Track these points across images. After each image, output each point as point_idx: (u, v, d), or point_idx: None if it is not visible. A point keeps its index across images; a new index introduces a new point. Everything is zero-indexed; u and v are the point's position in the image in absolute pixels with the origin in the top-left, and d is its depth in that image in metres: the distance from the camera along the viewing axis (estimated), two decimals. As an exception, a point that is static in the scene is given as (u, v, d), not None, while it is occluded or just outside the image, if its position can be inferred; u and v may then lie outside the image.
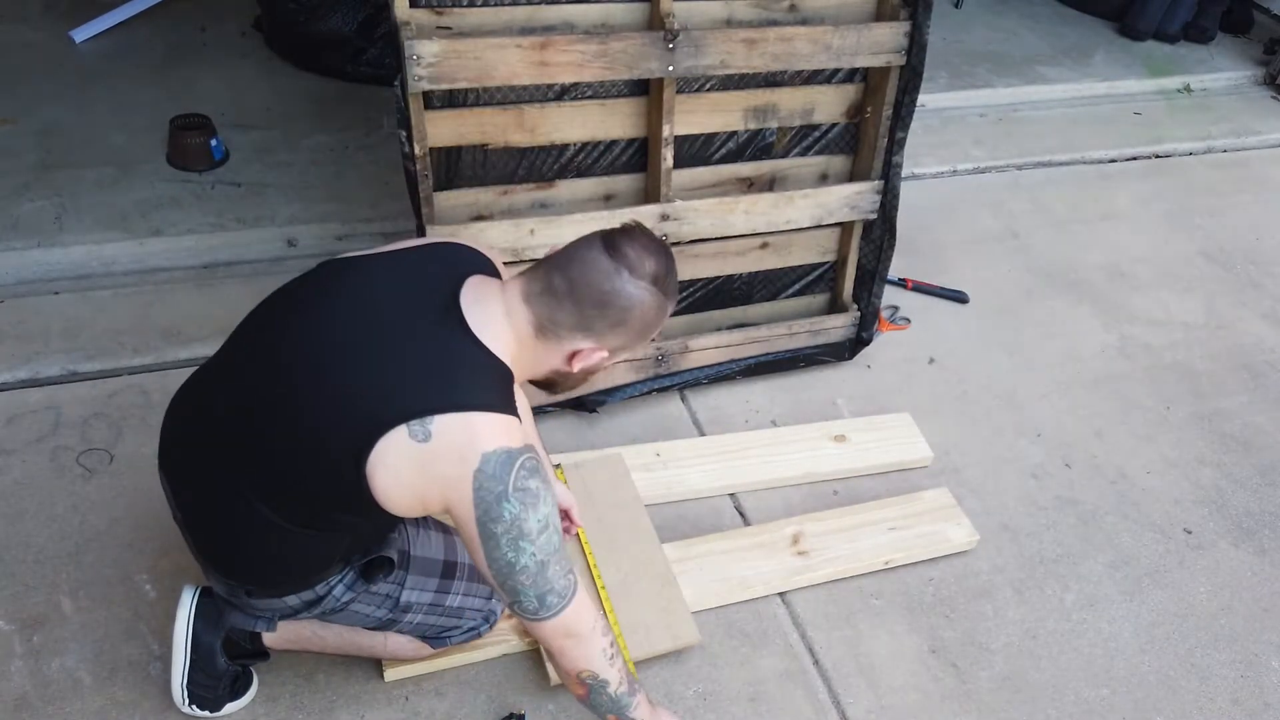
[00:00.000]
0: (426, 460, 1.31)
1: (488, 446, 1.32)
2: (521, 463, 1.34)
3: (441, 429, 1.31)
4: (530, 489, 1.34)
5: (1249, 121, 4.21)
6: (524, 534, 1.35)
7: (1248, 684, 1.99)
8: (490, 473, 1.32)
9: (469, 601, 1.72)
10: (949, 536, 2.17)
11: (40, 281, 2.66)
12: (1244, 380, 2.80)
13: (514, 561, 1.36)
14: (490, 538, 1.34)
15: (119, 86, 3.43)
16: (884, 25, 2.21)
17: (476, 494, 1.32)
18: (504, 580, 1.38)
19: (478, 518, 1.33)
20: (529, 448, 1.37)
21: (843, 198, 2.42)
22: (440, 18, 1.93)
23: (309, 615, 1.59)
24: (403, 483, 1.33)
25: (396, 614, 1.64)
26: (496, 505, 1.32)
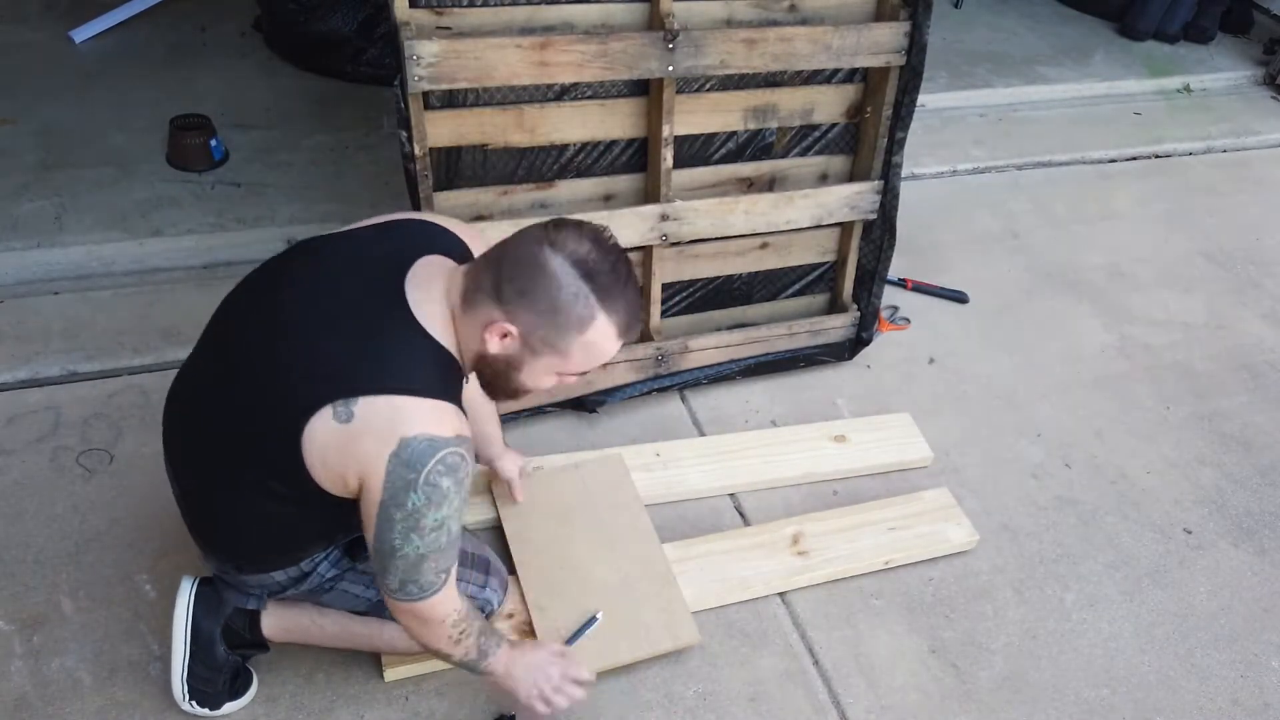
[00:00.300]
0: (347, 441, 1.32)
1: (409, 431, 1.31)
2: (442, 456, 1.32)
3: (364, 411, 1.31)
4: (440, 487, 1.33)
5: (1249, 121, 4.21)
6: (417, 528, 1.35)
7: (1248, 684, 1.99)
8: (406, 459, 1.31)
9: (462, 588, 1.70)
10: (949, 536, 2.17)
11: (40, 281, 2.66)
12: (1244, 380, 2.80)
13: (397, 548, 1.37)
14: (386, 520, 1.35)
15: (119, 86, 3.43)
16: (884, 25, 2.21)
17: (388, 477, 1.32)
18: (379, 556, 1.39)
19: (382, 500, 1.33)
20: (459, 439, 1.35)
21: (843, 198, 2.42)
22: (440, 18, 1.93)
23: (297, 591, 1.59)
24: (328, 463, 1.35)
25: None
26: (404, 493, 1.32)
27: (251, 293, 1.50)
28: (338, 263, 1.46)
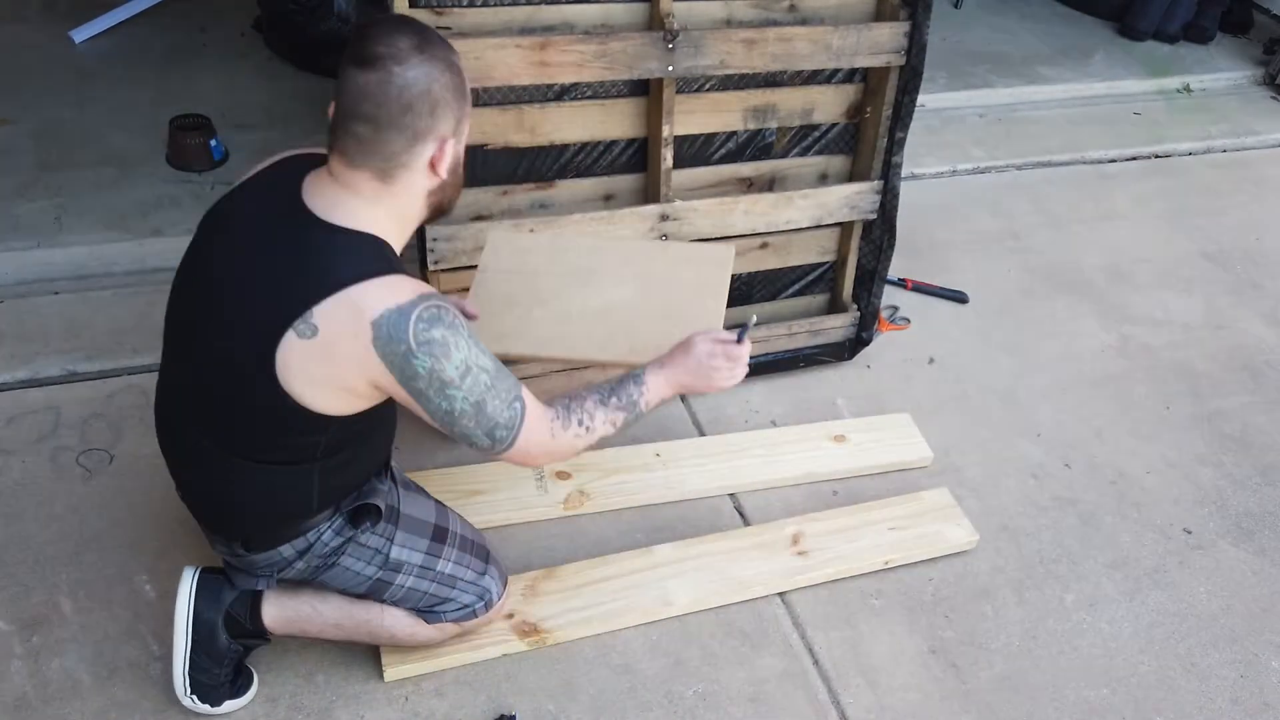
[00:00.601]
0: (325, 352, 1.35)
1: (375, 313, 1.34)
2: (417, 315, 1.35)
3: (323, 317, 1.34)
4: (434, 340, 1.36)
5: (1249, 121, 4.21)
6: (446, 384, 1.38)
7: (1248, 684, 1.99)
8: (386, 336, 1.34)
9: (461, 571, 1.73)
10: (949, 536, 2.16)
11: (40, 281, 2.66)
12: (1244, 380, 2.80)
13: (450, 410, 1.41)
14: (419, 395, 1.39)
15: (119, 86, 3.43)
16: (884, 25, 2.21)
17: (386, 361, 1.35)
18: (451, 427, 1.44)
19: (399, 380, 1.37)
20: (423, 296, 1.37)
21: (842, 198, 2.42)
22: (440, 18, 1.93)
23: (304, 566, 1.60)
24: (317, 381, 1.37)
25: (387, 573, 1.65)
26: (408, 364, 1.36)
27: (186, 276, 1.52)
28: (239, 216, 1.49)
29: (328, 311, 1.34)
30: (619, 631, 1.93)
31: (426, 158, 1.41)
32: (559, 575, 1.99)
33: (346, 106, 1.38)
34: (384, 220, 1.43)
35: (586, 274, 1.93)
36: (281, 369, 1.35)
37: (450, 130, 1.42)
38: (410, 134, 1.38)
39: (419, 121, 1.38)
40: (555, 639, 1.89)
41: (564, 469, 2.22)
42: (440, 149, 1.42)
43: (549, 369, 2.31)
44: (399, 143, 1.38)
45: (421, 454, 2.24)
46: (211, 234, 1.50)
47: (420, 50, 1.36)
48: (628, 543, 2.10)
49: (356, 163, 1.40)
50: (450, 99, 1.40)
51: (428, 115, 1.38)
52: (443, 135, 1.41)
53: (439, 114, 1.39)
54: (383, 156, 1.39)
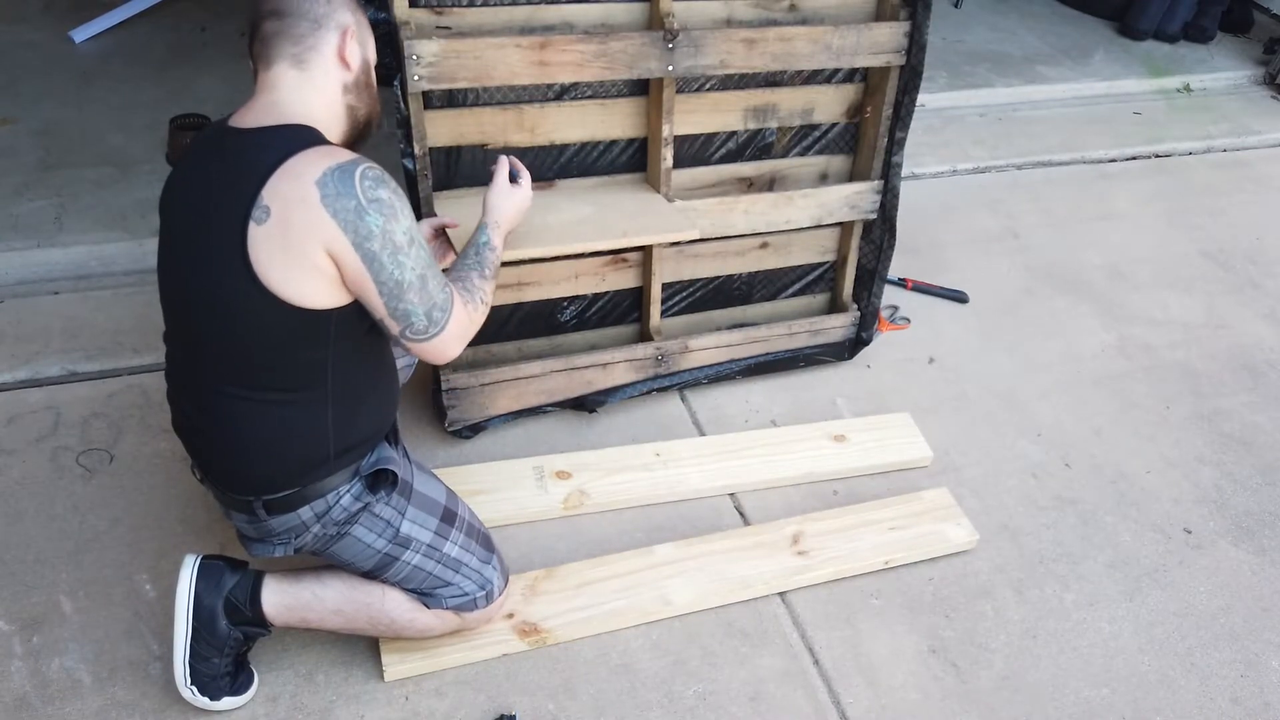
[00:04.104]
0: (282, 230, 1.36)
1: (315, 173, 1.36)
2: (362, 172, 1.38)
3: (271, 196, 1.36)
4: (383, 199, 1.39)
5: (1249, 121, 4.21)
6: (396, 247, 1.41)
7: (1248, 684, 1.99)
8: (334, 192, 1.36)
9: (466, 557, 1.74)
10: (949, 536, 2.17)
11: (40, 281, 2.66)
12: (1244, 380, 2.80)
13: (400, 279, 1.43)
14: (372, 259, 1.39)
15: (119, 86, 3.43)
16: (884, 25, 2.21)
17: (337, 219, 1.36)
18: (396, 303, 1.44)
19: (353, 242, 1.38)
20: (361, 158, 1.41)
21: (842, 198, 2.42)
22: (440, 18, 1.93)
23: (319, 532, 1.60)
24: (288, 266, 1.38)
25: (395, 548, 1.66)
26: (360, 220, 1.37)
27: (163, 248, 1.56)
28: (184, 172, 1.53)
29: (273, 188, 1.36)
30: (619, 631, 1.93)
31: (334, 45, 1.49)
32: (559, 575, 1.99)
33: (255, 11, 1.49)
34: (313, 109, 1.49)
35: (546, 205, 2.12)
36: (256, 265, 1.37)
37: (351, 21, 1.51)
38: (312, 19, 1.47)
39: (317, 8, 1.48)
40: (555, 639, 1.89)
41: (564, 469, 2.22)
42: (343, 39, 1.49)
43: (549, 369, 2.31)
44: (304, 25, 1.47)
45: (422, 454, 2.24)
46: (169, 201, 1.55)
47: None
48: (628, 543, 2.10)
49: (272, 59, 1.48)
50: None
51: (325, 3, 1.48)
52: (344, 25, 1.50)
53: (335, 4, 1.50)
54: (292, 40, 1.47)
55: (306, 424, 1.53)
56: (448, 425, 2.26)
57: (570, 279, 2.33)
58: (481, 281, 1.67)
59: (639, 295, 2.43)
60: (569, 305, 2.38)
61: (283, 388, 1.49)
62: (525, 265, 2.23)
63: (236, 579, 1.68)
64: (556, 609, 1.92)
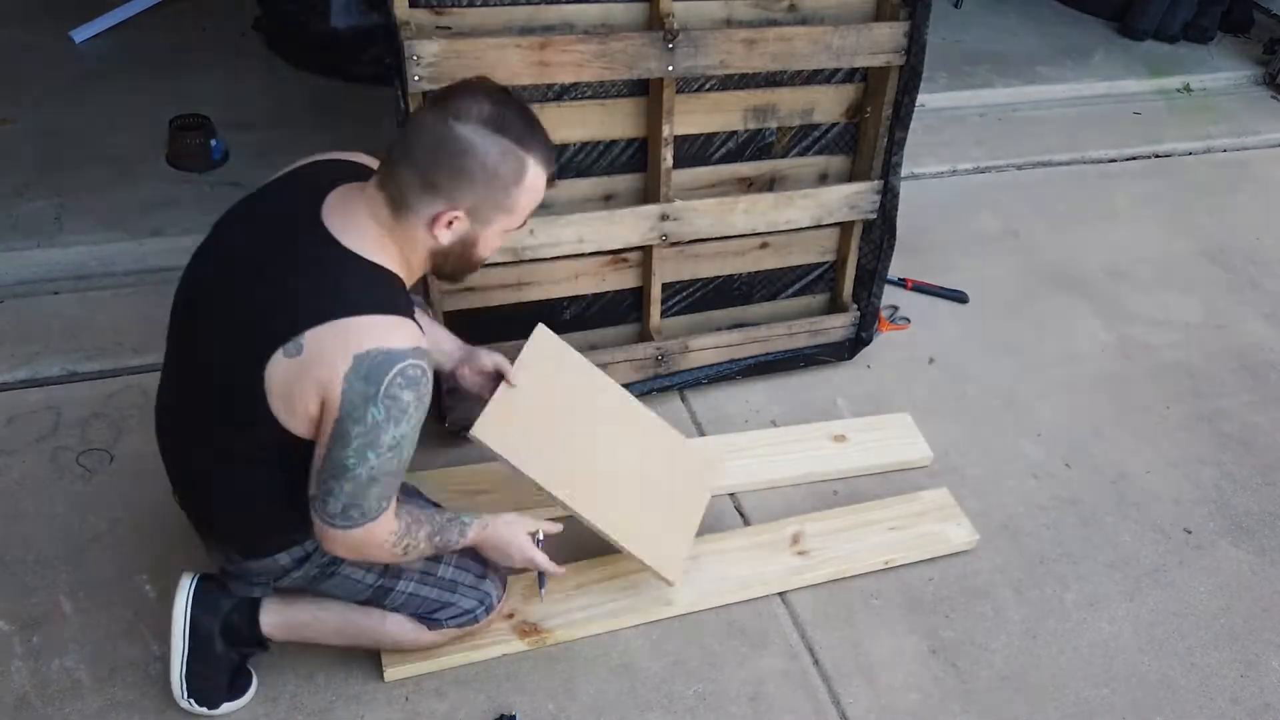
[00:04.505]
0: (302, 372, 1.33)
1: (362, 347, 1.32)
2: (402, 369, 1.33)
3: (312, 340, 1.33)
4: (401, 401, 1.34)
5: (1249, 121, 4.21)
6: (375, 444, 1.35)
7: (1248, 684, 1.99)
8: (364, 373, 1.32)
9: (461, 576, 1.73)
10: (949, 536, 2.16)
11: (40, 281, 2.66)
12: (1244, 380, 2.80)
13: (350, 468, 1.37)
14: (341, 437, 1.35)
15: (119, 86, 3.43)
16: (884, 25, 2.21)
17: (345, 394, 1.32)
18: (325, 478, 1.39)
19: (339, 417, 1.34)
20: (416, 351, 1.36)
21: (842, 198, 2.42)
22: (440, 18, 1.93)
23: (302, 576, 1.60)
24: (291, 401, 1.35)
25: (388, 579, 1.65)
26: (362, 407, 1.33)
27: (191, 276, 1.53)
28: (253, 221, 1.48)
29: (317, 335, 1.33)
30: (619, 631, 1.93)
31: (432, 213, 1.39)
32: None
33: (403, 133, 1.42)
34: (392, 250, 1.43)
35: (606, 415, 1.99)
36: (268, 388, 1.35)
37: (468, 207, 1.40)
38: (426, 181, 1.37)
39: (439, 175, 1.37)
40: (555, 639, 1.89)
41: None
42: (448, 215, 1.39)
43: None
44: (414, 182, 1.38)
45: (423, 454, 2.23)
46: (225, 232, 1.50)
47: (490, 125, 1.36)
48: (628, 543, 2.10)
49: (382, 180, 1.41)
50: (482, 181, 1.38)
51: (449, 176, 1.37)
52: (457, 204, 1.39)
53: (461, 183, 1.38)
54: (398, 186, 1.39)
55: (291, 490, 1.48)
56: (448, 425, 2.26)
57: (570, 279, 2.33)
58: (423, 541, 1.57)
59: (639, 295, 2.43)
60: (569, 305, 2.38)
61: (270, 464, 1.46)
62: (525, 265, 2.23)
63: (234, 602, 1.67)
64: (556, 609, 1.92)
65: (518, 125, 1.39)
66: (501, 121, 1.37)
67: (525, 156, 1.40)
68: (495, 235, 1.47)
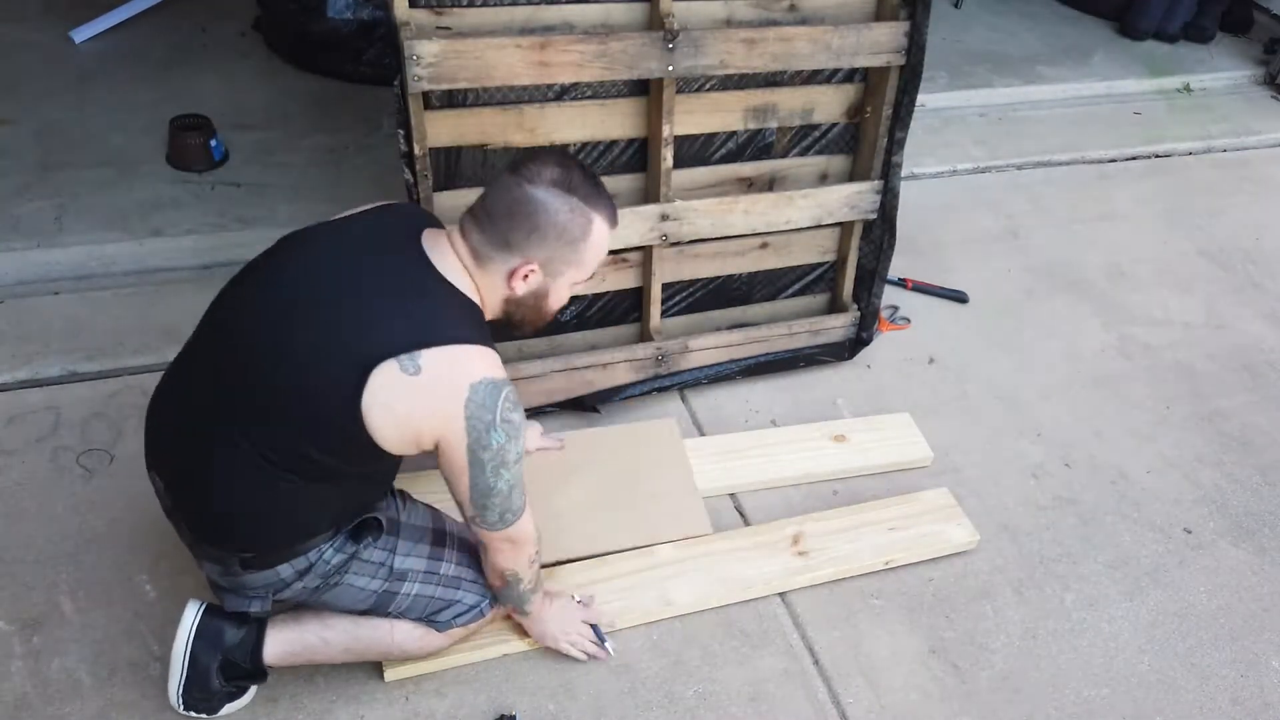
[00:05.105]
0: (418, 393, 1.41)
1: (475, 377, 1.44)
2: (506, 394, 1.47)
3: (430, 362, 1.41)
4: (514, 421, 1.48)
5: (1249, 121, 4.21)
6: (505, 463, 1.50)
7: (1248, 684, 1.99)
8: (480, 402, 1.44)
9: (464, 571, 1.74)
10: (949, 537, 2.16)
11: (40, 281, 2.66)
12: (1244, 380, 2.80)
13: (493, 487, 1.51)
14: (477, 464, 1.48)
15: (119, 86, 3.43)
16: (884, 25, 2.21)
17: (469, 423, 1.44)
18: (478, 500, 1.53)
19: (469, 445, 1.46)
20: (509, 380, 1.50)
21: (843, 198, 2.42)
22: (440, 18, 1.93)
23: (303, 588, 1.59)
24: (397, 415, 1.42)
25: (393, 583, 1.66)
26: (486, 434, 1.45)
27: (249, 283, 1.55)
28: (354, 237, 1.56)
29: (436, 358, 1.42)
30: (619, 631, 1.93)
31: (509, 268, 1.53)
32: (559, 575, 1.99)
33: (486, 188, 1.55)
34: (480, 293, 1.56)
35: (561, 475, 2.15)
36: (369, 394, 1.39)
37: (541, 262, 1.54)
38: (502, 239, 1.51)
39: (515, 234, 1.51)
40: (555, 639, 1.89)
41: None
42: (523, 269, 1.53)
43: (549, 370, 2.31)
44: (493, 239, 1.52)
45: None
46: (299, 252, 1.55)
47: (560, 186, 1.50)
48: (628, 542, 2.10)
49: (467, 235, 1.54)
50: (553, 237, 1.52)
51: (524, 234, 1.51)
52: (531, 259, 1.53)
53: (535, 240, 1.51)
54: (480, 240, 1.52)
55: (305, 504, 1.51)
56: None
57: (570, 279, 2.32)
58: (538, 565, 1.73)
59: (639, 295, 2.43)
60: (569, 305, 2.37)
61: (301, 473, 1.47)
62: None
63: (239, 637, 1.65)
64: (556, 609, 1.92)
65: (584, 186, 1.53)
66: (569, 183, 1.51)
67: (591, 214, 1.54)
68: (565, 287, 1.61)
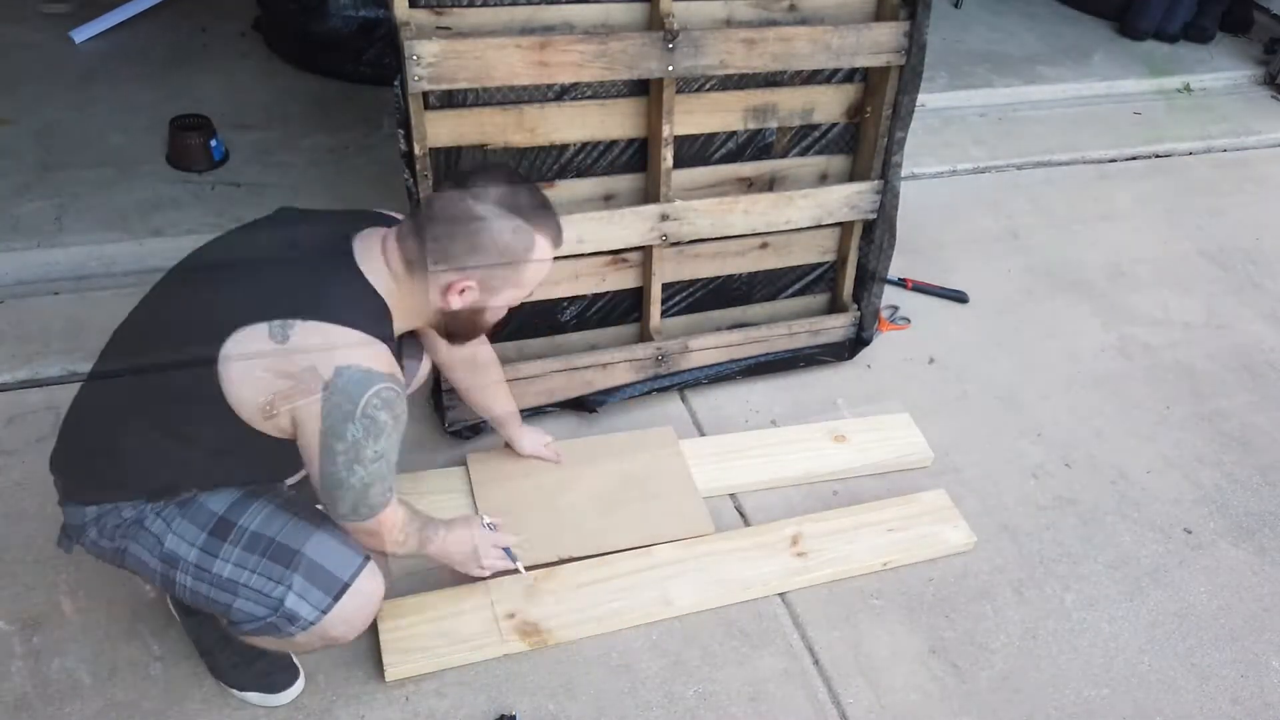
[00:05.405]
0: (281, 361, 1.38)
1: (344, 361, 1.38)
2: (379, 391, 1.40)
3: (302, 333, 1.38)
4: (378, 421, 1.41)
5: (1249, 121, 4.21)
6: (360, 459, 1.42)
7: (1248, 684, 1.99)
8: (342, 388, 1.38)
9: (244, 577, 1.49)
10: (946, 538, 2.16)
11: (40, 281, 2.66)
12: (1244, 380, 2.80)
13: (344, 480, 1.44)
14: (328, 452, 1.41)
15: (119, 86, 3.43)
16: (884, 25, 2.21)
17: (325, 407, 1.38)
18: (328, 489, 1.46)
19: (322, 430, 1.40)
20: (392, 378, 1.43)
21: (842, 198, 2.42)
22: (440, 18, 1.93)
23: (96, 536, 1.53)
24: (254, 378, 1.39)
25: (168, 569, 1.51)
26: (342, 424, 1.39)
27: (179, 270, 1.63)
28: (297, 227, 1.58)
29: (309, 330, 1.39)
30: (619, 631, 1.93)
31: (445, 281, 1.49)
32: (559, 575, 1.99)
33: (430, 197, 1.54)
34: (396, 294, 1.51)
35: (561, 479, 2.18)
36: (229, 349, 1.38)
37: (479, 280, 1.50)
38: (441, 250, 1.47)
39: (455, 246, 1.47)
40: (555, 639, 1.89)
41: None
42: (459, 285, 1.49)
43: (549, 370, 2.31)
44: (431, 249, 1.48)
45: (422, 454, 2.24)
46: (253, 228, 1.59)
47: (504, 205, 1.47)
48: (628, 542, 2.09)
49: (404, 240, 1.51)
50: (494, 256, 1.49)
51: (465, 249, 1.48)
52: (469, 276, 1.49)
53: (475, 257, 1.48)
54: (415, 249, 1.49)
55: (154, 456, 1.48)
56: (448, 426, 2.26)
57: (570, 279, 2.33)
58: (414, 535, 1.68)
59: (639, 295, 2.43)
60: (569, 305, 2.38)
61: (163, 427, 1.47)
62: (525, 265, 2.23)
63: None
64: (557, 609, 1.92)
65: (529, 206, 1.50)
66: (514, 201, 1.48)
67: (535, 234, 1.51)
68: (504, 303, 1.57)
